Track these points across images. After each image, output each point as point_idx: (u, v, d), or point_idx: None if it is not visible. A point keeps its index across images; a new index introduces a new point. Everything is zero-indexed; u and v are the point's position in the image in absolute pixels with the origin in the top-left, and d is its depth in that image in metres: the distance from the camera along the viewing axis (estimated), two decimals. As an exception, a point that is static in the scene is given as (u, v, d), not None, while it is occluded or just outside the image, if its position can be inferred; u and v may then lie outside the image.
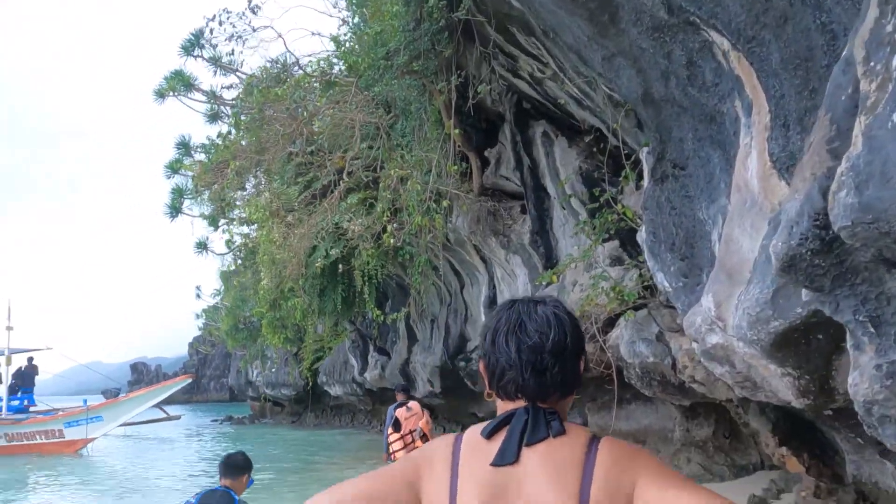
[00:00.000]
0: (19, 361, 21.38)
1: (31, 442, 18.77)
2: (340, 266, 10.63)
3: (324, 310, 12.44)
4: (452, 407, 15.72)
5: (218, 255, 15.78)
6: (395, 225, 8.91)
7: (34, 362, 21.88)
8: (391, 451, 8.10)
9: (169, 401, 24.81)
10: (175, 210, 13.11)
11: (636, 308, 6.29)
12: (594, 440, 1.23)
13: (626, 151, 6.51)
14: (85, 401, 19.31)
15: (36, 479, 14.36)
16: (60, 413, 19.52)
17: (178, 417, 23.70)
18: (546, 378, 1.23)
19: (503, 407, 1.27)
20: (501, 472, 1.18)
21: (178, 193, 12.84)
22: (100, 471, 15.81)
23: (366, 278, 11.05)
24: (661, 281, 5.44)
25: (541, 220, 9.26)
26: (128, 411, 19.76)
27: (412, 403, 8.32)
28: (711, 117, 4.46)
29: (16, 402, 20.44)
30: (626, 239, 7.26)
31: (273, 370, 27.69)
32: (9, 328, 19.82)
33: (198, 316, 30.46)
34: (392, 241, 8.82)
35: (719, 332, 3.78)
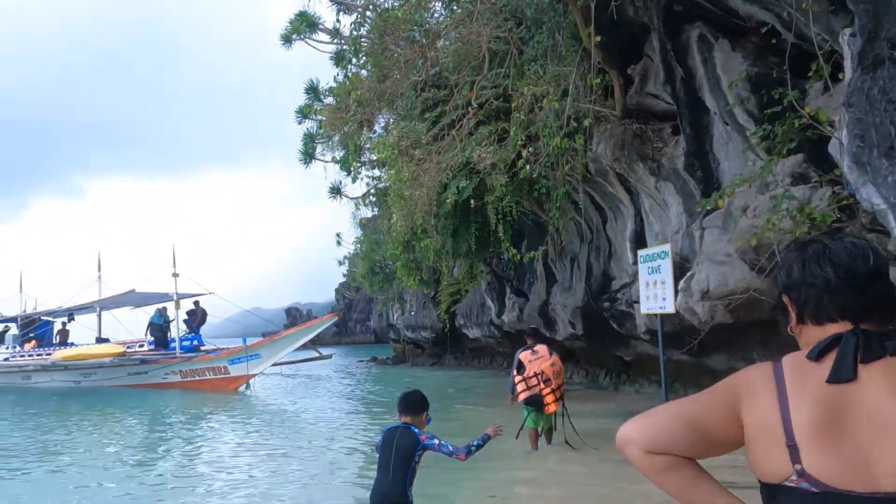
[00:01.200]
0: (186, 305, 23.40)
1: (202, 378, 20.61)
2: (472, 203, 10.13)
3: (458, 250, 12.08)
4: (595, 349, 14.97)
5: (351, 199, 15.94)
6: (529, 150, 8.13)
7: (201, 305, 23.86)
8: (516, 392, 8.15)
9: (320, 342, 26.13)
10: (308, 156, 13.20)
11: (830, 233, 5.17)
12: None
13: (817, 40, 5.25)
14: (244, 339, 20.77)
15: (206, 412, 15.68)
16: (224, 351, 21.20)
17: (329, 357, 24.91)
18: (866, 298, 1.24)
19: (820, 334, 1.26)
20: (838, 390, 1.18)
21: (310, 139, 12.88)
22: (258, 406, 16.98)
23: (500, 216, 10.48)
24: (870, 197, 4.36)
25: (697, 139, 8.08)
26: (282, 349, 21.00)
27: (539, 347, 8.27)
28: (963, -36, 3.29)
29: (187, 343, 22.48)
30: (812, 152, 6.04)
31: (412, 313, 28.30)
32: (175, 275, 21.63)
33: (340, 262, 31.83)
34: (528, 168, 8.09)
35: None
